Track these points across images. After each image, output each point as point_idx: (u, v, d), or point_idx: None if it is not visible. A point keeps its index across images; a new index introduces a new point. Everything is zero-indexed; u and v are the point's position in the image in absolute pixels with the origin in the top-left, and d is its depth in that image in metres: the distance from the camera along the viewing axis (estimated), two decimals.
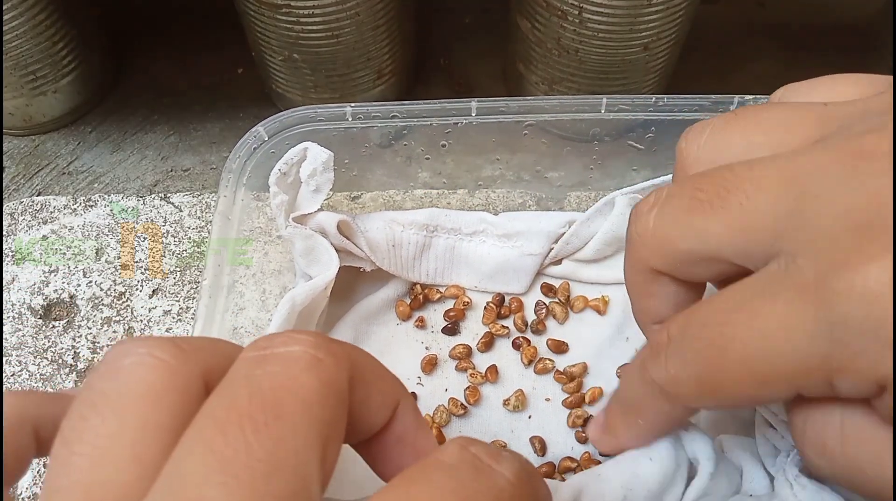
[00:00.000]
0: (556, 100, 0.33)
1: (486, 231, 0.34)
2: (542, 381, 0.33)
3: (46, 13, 0.39)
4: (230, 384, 0.14)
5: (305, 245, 0.31)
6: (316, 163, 0.30)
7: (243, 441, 0.13)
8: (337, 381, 0.15)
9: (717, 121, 0.22)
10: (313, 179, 0.30)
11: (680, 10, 0.35)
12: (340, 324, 0.33)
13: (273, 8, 0.36)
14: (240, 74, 0.48)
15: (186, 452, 0.13)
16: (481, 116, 0.33)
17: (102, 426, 0.14)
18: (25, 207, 0.39)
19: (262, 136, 0.32)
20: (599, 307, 0.34)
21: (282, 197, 0.30)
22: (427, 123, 0.34)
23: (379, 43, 0.40)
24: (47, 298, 0.36)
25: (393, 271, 0.33)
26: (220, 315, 0.29)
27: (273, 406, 0.13)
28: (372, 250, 0.32)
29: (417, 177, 0.37)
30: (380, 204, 0.38)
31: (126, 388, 0.14)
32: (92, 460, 0.13)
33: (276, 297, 0.33)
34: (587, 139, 0.35)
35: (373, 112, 0.33)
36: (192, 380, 0.15)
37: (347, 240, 0.32)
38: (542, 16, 0.37)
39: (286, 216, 0.30)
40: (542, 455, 0.31)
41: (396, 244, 0.33)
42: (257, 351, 0.15)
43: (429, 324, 0.34)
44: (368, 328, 0.34)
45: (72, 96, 0.44)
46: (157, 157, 0.44)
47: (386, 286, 0.34)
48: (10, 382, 0.33)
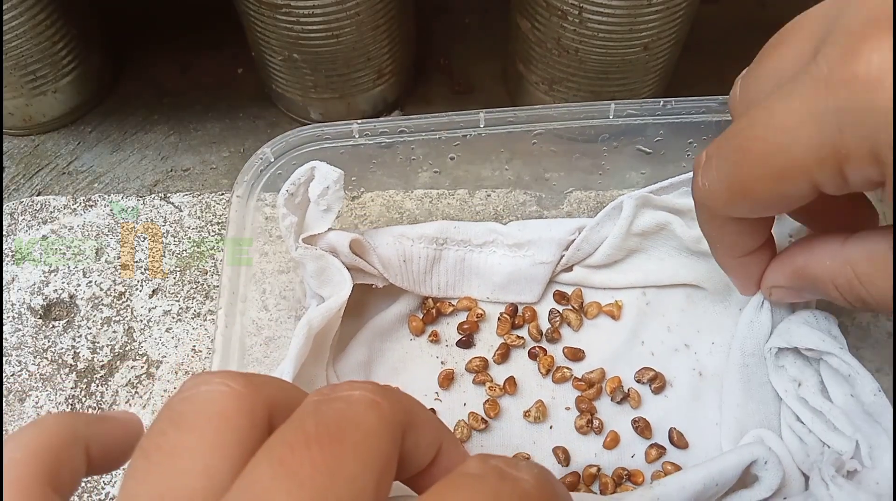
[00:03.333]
0: (566, 107, 0.33)
1: (496, 241, 0.34)
2: (561, 390, 0.32)
3: (46, 13, 0.39)
4: (299, 416, 0.16)
5: (317, 266, 0.30)
6: (326, 182, 0.30)
7: (308, 457, 0.14)
8: (393, 421, 0.16)
9: (741, 77, 0.25)
10: (324, 198, 0.30)
11: (680, 10, 0.35)
12: (354, 343, 0.33)
13: (273, 8, 0.36)
14: (240, 74, 0.48)
15: (257, 464, 0.14)
16: (490, 128, 0.33)
17: (179, 440, 0.15)
18: (25, 207, 0.39)
19: (269, 157, 0.32)
20: (613, 312, 0.34)
21: (291, 218, 0.30)
22: (435, 136, 0.33)
23: (379, 43, 0.40)
24: (47, 298, 0.36)
25: (405, 286, 0.33)
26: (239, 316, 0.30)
27: (337, 433, 0.15)
28: (384, 267, 0.32)
29: (417, 177, 0.37)
30: (379, 204, 0.38)
31: (201, 409, 0.16)
32: (167, 470, 0.15)
33: (275, 297, 0.33)
34: (593, 140, 0.35)
35: (380, 128, 0.33)
36: (258, 408, 0.16)
37: (359, 258, 0.31)
38: (542, 16, 0.37)
39: (296, 237, 0.30)
40: (566, 466, 0.30)
41: (407, 259, 0.33)
42: (322, 395, 0.16)
43: (443, 338, 0.34)
44: (382, 346, 0.33)
45: (72, 96, 0.44)
46: (156, 157, 0.44)
47: (397, 302, 0.34)
48: (10, 382, 0.33)
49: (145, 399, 0.33)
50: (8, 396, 0.33)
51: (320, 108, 0.44)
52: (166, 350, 0.34)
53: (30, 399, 0.33)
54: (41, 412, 0.32)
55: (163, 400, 0.33)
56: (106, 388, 0.33)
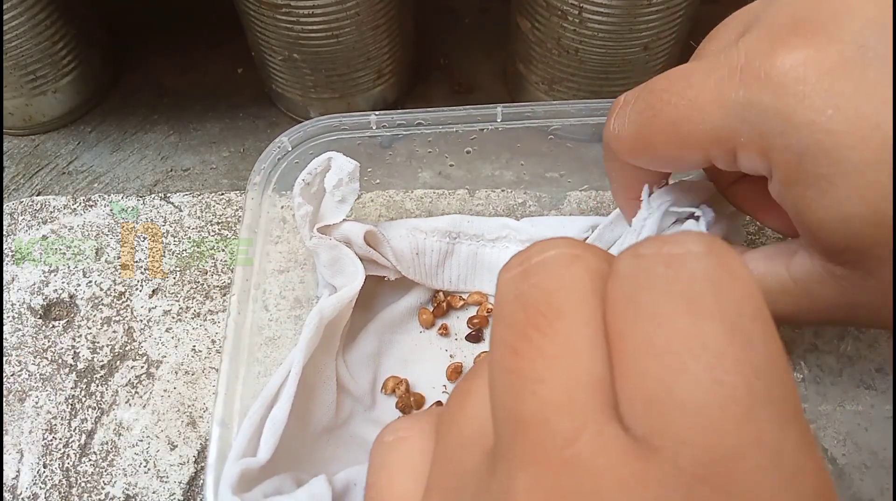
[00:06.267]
0: (583, 104, 0.33)
1: (509, 237, 0.34)
2: None
3: (46, 13, 0.39)
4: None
5: (330, 256, 0.30)
6: (342, 173, 0.30)
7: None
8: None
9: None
10: (339, 189, 0.30)
11: (680, 10, 0.35)
12: (363, 334, 0.33)
13: (273, 8, 0.36)
14: (240, 74, 0.48)
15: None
16: (507, 122, 0.33)
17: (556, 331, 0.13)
18: (25, 206, 0.39)
19: (287, 146, 0.32)
20: None
21: (306, 208, 0.30)
22: (453, 130, 0.33)
23: (379, 43, 0.40)
24: (47, 298, 0.36)
25: (417, 279, 0.33)
26: (254, 289, 0.30)
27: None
28: (397, 259, 0.32)
29: (417, 177, 0.37)
30: (379, 204, 0.38)
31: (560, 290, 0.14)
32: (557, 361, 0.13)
33: (276, 297, 0.33)
34: (593, 140, 0.35)
35: (397, 120, 0.33)
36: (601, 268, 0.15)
37: (373, 250, 0.31)
38: (542, 16, 0.37)
39: (311, 227, 0.30)
40: None
41: (420, 252, 0.33)
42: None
43: (452, 332, 0.34)
44: (392, 337, 0.34)
45: (72, 96, 0.44)
46: (156, 157, 0.44)
47: (408, 295, 0.34)
48: (9, 382, 0.33)
49: (145, 399, 0.33)
50: (8, 396, 0.33)
51: (320, 108, 0.44)
52: (166, 350, 0.34)
53: (30, 399, 0.33)
54: (41, 412, 0.32)
55: (163, 400, 0.33)
56: (106, 388, 0.33)
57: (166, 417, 0.32)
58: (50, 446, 0.31)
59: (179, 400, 0.33)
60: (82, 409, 0.32)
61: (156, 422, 0.32)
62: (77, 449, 0.31)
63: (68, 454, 0.31)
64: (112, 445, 0.31)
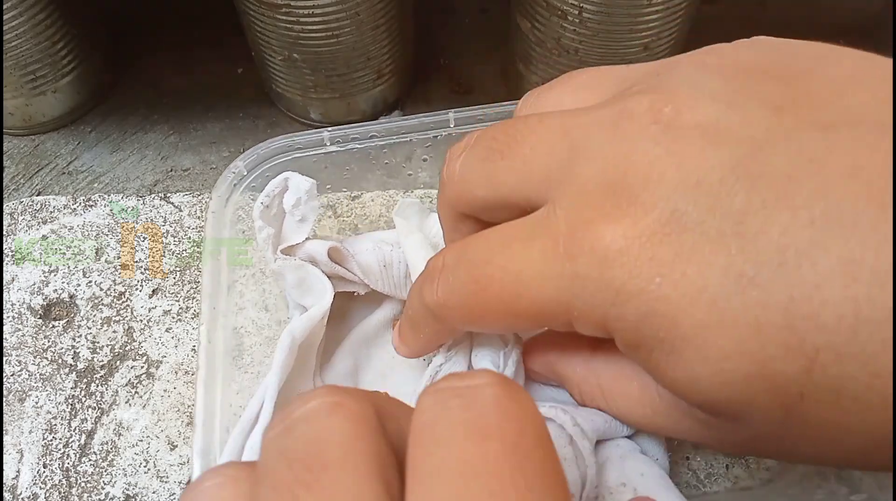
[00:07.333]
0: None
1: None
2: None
3: (46, 13, 0.39)
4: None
5: (297, 276, 0.30)
6: (300, 192, 0.29)
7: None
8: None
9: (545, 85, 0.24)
10: (298, 209, 0.30)
11: (680, 10, 0.35)
12: (339, 352, 0.32)
13: (273, 8, 0.36)
14: (240, 73, 0.48)
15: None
16: (459, 127, 0.33)
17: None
18: (25, 206, 0.39)
19: (242, 170, 0.32)
20: None
21: (268, 230, 0.29)
22: (406, 139, 0.33)
23: (379, 43, 0.40)
24: (47, 298, 0.36)
25: (387, 291, 0.33)
26: (223, 317, 0.29)
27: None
28: (365, 274, 0.32)
29: (417, 177, 0.37)
30: (379, 204, 0.38)
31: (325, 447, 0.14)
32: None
33: (275, 297, 0.33)
34: None
35: (351, 135, 0.33)
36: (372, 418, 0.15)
37: (339, 266, 0.31)
38: (542, 16, 0.37)
39: (274, 249, 0.30)
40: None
41: (387, 264, 0.32)
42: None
43: None
44: (368, 351, 0.33)
45: (72, 96, 0.44)
46: (156, 157, 0.44)
47: (380, 308, 0.34)
48: (9, 382, 0.33)
49: (145, 399, 0.33)
50: (8, 396, 0.33)
51: (320, 108, 0.44)
52: (166, 350, 0.34)
53: (30, 399, 0.33)
54: (41, 412, 0.32)
55: (163, 400, 0.33)
56: (106, 388, 0.33)
57: (166, 417, 0.32)
58: (50, 446, 0.31)
59: (179, 400, 0.33)
60: (82, 409, 0.32)
61: (156, 422, 0.32)
62: (77, 449, 0.31)
63: (68, 454, 0.31)
64: (112, 445, 0.31)
